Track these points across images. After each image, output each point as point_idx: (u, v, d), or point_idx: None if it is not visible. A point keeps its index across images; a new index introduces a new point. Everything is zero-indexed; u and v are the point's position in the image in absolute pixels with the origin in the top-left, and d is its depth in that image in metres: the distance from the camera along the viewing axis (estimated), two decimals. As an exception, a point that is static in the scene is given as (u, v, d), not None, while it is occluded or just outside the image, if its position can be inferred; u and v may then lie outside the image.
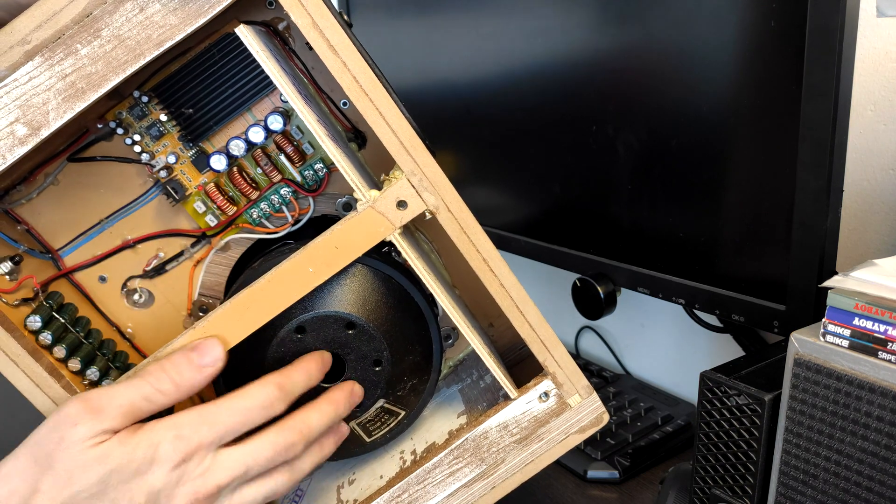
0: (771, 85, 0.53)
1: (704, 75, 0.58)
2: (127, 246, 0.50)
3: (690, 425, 0.72)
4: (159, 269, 0.51)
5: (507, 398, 0.47)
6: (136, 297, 0.51)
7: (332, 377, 0.47)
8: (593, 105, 0.67)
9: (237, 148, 0.47)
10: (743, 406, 0.44)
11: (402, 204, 0.42)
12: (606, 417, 0.47)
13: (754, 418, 0.44)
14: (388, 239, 0.43)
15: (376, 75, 0.41)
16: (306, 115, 0.40)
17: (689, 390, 0.82)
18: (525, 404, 0.46)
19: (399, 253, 0.44)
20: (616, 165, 0.66)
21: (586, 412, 0.47)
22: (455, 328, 0.55)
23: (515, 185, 0.79)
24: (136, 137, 0.48)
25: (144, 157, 0.48)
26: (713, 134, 0.58)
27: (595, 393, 0.47)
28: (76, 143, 0.48)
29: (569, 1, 0.67)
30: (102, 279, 0.50)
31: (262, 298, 0.42)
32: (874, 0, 0.61)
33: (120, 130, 0.48)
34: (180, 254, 0.51)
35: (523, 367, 0.53)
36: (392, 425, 0.49)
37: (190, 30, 0.38)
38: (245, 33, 0.39)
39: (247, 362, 0.46)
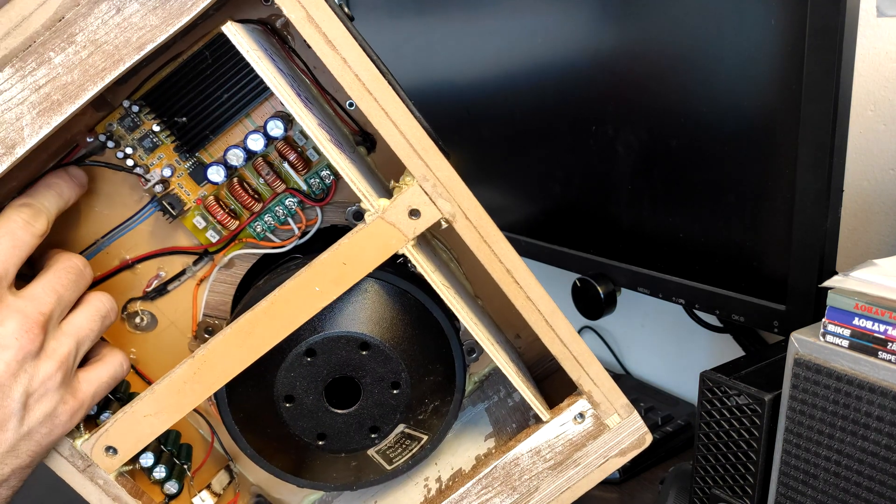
0: (771, 85, 0.53)
1: (704, 75, 0.57)
2: (125, 266, 0.47)
3: (690, 425, 0.72)
4: (161, 290, 0.48)
5: (538, 420, 0.43)
6: (137, 320, 0.48)
7: (348, 402, 0.43)
8: (593, 105, 0.67)
9: (235, 158, 0.44)
10: (743, 406, 0.44)
11: (414, 213, 0.38)
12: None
13: (754, 418, 0.44)
14: (400, 252, 0.39)
15: (381, 72, 0.37)
16: (304, 118, 0.36)
17: (689, 390, 0.82)
18: (559, 427, 0.42)
19: (414, 265, 0.40)
20: (616, 165, 0.66)
21: (627, 433, 0.42)
22: (479, 341, 0.51)
23: (515, 185, 0.79)
24: (129, 150, 0.45)
25: (138, 170, 0.45)
26: (713, 134, 0.58)
27: (636, 411, 0.42)
28: (66, 158, 0.44)
29: (568, 0, 0.67)
30: (101, 303, 0.47)
31: (264, 322, 0.38)
32: (874, 0, 0.62)
33: (111, 144, 0.44)
34: (182, 272, 0.48)
35: (554, 380, 0.49)
36: (414, 451, 0.45)
37: (172, 30, 0.34)
38: (234, 31, 0.35)
39: (255, 390, 0.42)
